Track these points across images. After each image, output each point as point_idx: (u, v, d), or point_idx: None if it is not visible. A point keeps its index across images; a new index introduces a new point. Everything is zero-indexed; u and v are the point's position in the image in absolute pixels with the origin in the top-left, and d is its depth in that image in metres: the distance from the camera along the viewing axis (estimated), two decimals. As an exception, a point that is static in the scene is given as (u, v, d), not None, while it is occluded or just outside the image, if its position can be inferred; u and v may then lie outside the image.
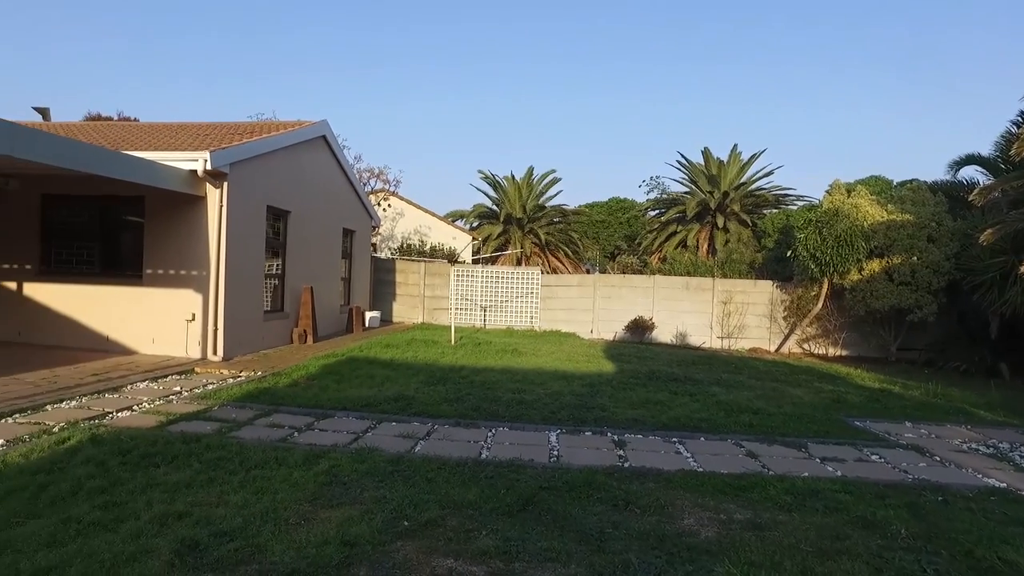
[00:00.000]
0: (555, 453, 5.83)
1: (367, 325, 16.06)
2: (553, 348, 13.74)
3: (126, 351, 10.30)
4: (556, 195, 31.02)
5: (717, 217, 25.71)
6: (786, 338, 17.47)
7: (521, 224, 27.99)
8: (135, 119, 24.38)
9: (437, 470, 5.00)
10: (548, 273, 21.23)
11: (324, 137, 13.79)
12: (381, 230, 25.06)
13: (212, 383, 8.43)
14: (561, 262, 27.84)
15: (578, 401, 8.02)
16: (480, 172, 30.34)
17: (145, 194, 10.12)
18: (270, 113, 25.87)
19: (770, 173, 26.74)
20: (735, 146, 27.05)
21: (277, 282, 12.24)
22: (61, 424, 5.93)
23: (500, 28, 75.86)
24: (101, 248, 10.83)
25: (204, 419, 6.39)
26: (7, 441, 5.34)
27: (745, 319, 17.66)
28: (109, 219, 10.79)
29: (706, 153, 27.56)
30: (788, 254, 17.39)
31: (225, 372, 9.18)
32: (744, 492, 4.83)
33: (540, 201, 29.48)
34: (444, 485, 4.69)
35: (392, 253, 24.62)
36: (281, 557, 3.44)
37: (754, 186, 26.81)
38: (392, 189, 26.62)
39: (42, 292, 10.73)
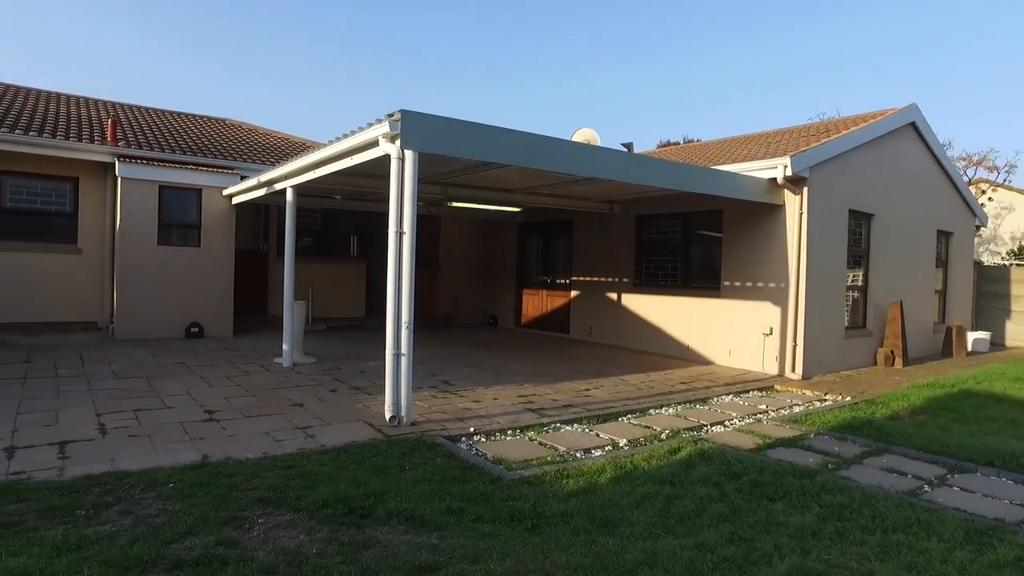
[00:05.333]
0: None
1: (970, 348, 12.97)
2: None
3: (703, 361, 10.60)
4: None
5: None
6: None
7: None
8: (698, 140, 26.28)
9: None
10: None
11: (912, 124, 11.69)
12: (983, 230, 20.44)
13: (797, 404, 7.75)
14: None
15: None
16: None
17: (723, 207, 10.25)
18: (832, 111, 24.13)
19: None
20: None
21: (858, 295, 10.85)
22: (666, 431, 6.11)
23: None
24: (682, 262, 11.50)
25: (802, 448, 5.70)
26: (628, 441, 5.71)
27: None
28: (689, 234, 11.37)
29: None
30: None
31: (808, 393, 8.39)
32: None
33: None
34: None
35: (1004, 258, 19.72)
36: None
37: None
38: (1001, 178, 21.41)
39: (635, 302, 12.05)
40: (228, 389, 7.12)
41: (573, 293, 13.59)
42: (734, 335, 10.21)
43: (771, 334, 9.64)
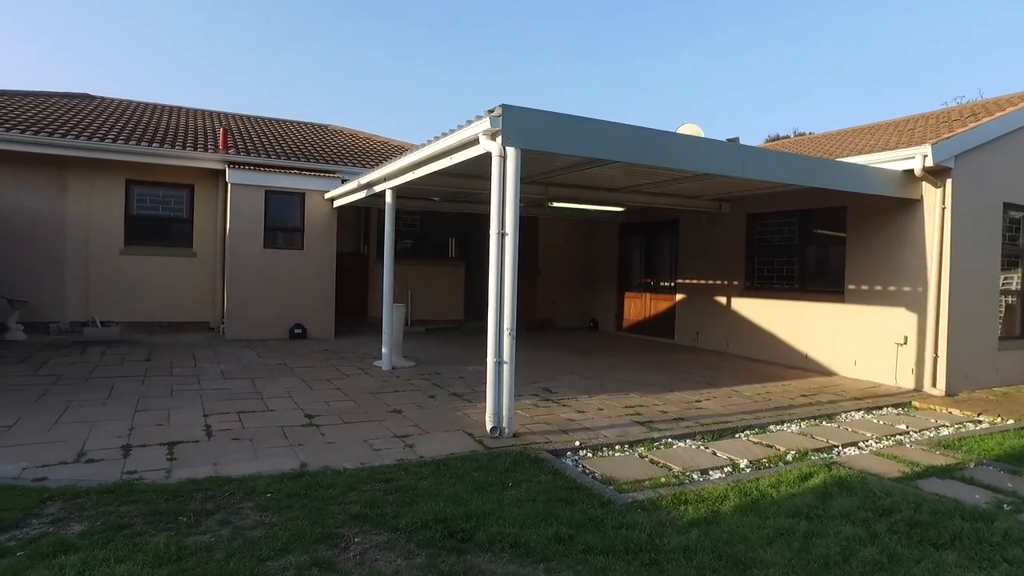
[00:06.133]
0: None
1: None
2: None
3: (824, 371, 9.69)
4: None
5: None
6: None
7: None
8: (810, 133, 24.56)
9: None
10: None
11: (1085, 102, 10.20)
12: None
13: (944, 425, 6.82)
14: None
15: None
16: None
17: (847, 204, 9.33)
18: (974, 94, 21.73)
19: None
20: None
21: (1014, 300, 9.55)
22: (792, 452, 5.48)
23: None
24: (799, 263, 10.60)
25: (961, 480, 4.89)
26: (749, 463, 5.14)
27: None
28: (806, 233, 10.45)
29: None
30: None
31: (956, 412, 7.40)
32: None
33: None
34: None
35: None
36: None
37: None
38: None
39: (746, 306, 11.24)
40: (328, 392, 7.11)
41: (678, 296, 12.88)
42: (860, 344, 9.25)
43: (905, 343, 8.64)
